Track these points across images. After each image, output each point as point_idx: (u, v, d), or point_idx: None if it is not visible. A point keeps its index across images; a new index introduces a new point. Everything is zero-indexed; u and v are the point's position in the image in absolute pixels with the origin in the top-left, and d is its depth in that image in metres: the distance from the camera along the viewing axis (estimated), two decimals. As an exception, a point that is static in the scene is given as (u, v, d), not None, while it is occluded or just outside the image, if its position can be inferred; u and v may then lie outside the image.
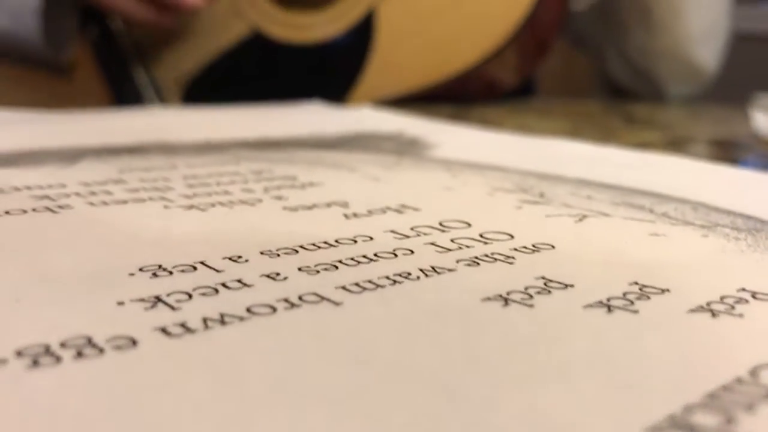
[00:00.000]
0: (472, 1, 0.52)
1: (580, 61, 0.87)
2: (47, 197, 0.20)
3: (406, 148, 0.30)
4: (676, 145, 0.42)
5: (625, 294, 0.14)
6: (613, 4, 0.63)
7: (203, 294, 0.14)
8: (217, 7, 0.56)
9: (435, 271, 0.15)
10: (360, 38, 0.54)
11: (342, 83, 0.54)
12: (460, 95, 0.55)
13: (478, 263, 0.16)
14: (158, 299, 0.13)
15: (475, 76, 0.53)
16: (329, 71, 0.55)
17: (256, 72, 0.58)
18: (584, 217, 0.20)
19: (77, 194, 0.20)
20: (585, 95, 0.84)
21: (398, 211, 0.20)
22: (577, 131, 0.44)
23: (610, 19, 0.64)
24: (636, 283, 0.15)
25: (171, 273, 0.15)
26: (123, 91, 0.59)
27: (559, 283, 0.15)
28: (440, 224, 0.19)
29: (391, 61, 0.53)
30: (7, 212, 0.18)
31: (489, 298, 0.14)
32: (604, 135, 0.44)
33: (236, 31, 0.56)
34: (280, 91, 0.57)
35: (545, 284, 0.15)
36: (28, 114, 0.36)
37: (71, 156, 0.26)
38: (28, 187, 0.21)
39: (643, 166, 0.29)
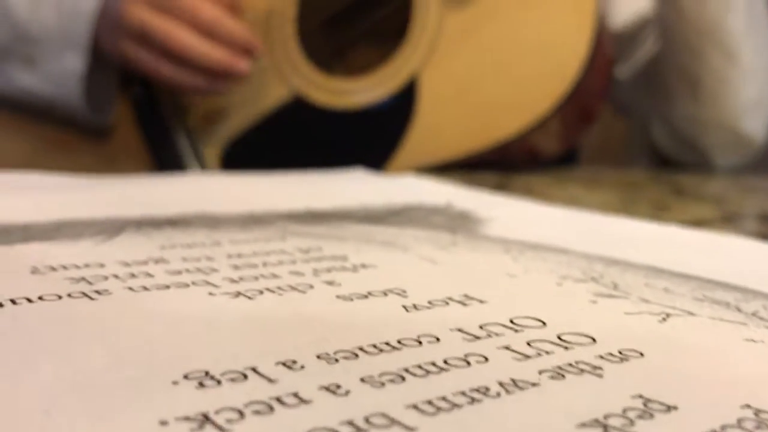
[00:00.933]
0: (516, 68, 0.51)
1: (622, 128, 0.86)
2: (84, 279, 0.18)
3: (458, 223, 0.29)
4: (730, 221, 0.39)
5: (740, 421, 0.12)
6: (659, 73, 0.61)
7: (256, 412, 0.12)
8: (260, 72, 0.56)
9: (516, 385, 0.13)
10: (402, 104, 0.53)
11: (383, 149, 0.53)
12: (501, 162, 0.53)
13: (563, 375, 0.14)
14: (206, 418, 0.11)
15: (518, 143, 0.52)
16: (370, 137, 0.54)
17: (297, 137, 0.57)
18: (668, 316, 0.18)
19: (116, 276, 0.19)
20: (628, 163, 0.82)
21: (462, 303, 0.18)
22: (627, 205, 0.42)
23: (656, 87, 0.62)
24: (749, 407, 0.13)
25: (219, 382, 0.13)
26: (163, 153, 0.58)
27: (661, 404, 0.13)
28: (511, 322, 0.17)
29: (433, 128, 0.52)
30: (40, 297, 0.17)
31: (585, 424, 0.12)
32: (655, 209, 0.42)
33: (278, 95, 0.56)
34: (320, 156, 0.56)
35: (645, 405, 0.13)
36: (66, 179, 0.35)
37: (111, 228, 0.24)
38: (65, 267, 0.19)
39: (712, 250, 0.27)
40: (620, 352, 0.15)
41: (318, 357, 0.14)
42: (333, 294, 0.18)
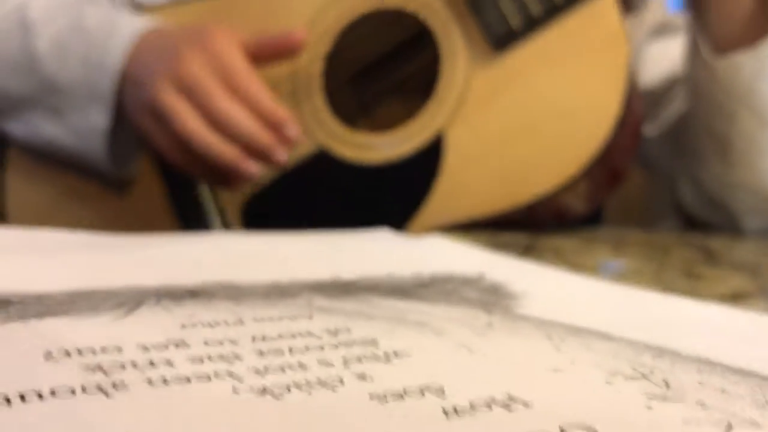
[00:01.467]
0: (545, 128, 0.50)
1: (643, 184, 0.84)
2: (101, 369, 0.17)
3: (492, 298, 0.27)
4: (769, 292, 0.38)
5: None
6: (688, 132, 0.60)
7: None
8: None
9: None
10: (427, 161, 0.52)
11: (408, 206, 0.52)
12: (527, 221, 0.52)
13: None
14: None
15: (545, 203, 0.51)
16: (395, 193, 0.53)
17: (321, 191, 0.56)
18: (730, 426, 0.16)
19: (134, 365, 0.17)
20: (651, 221, 0.80)
21: (506, 406, 0.17)
22: (659, 272, 0.41)
23: (684, 146, 0.61)
24: None
25: None
26: (185, 206, 0.57)
27: None
28: (561, 431, 0.15)
29: (459, 186, 0.51)
30: (53, 393, 0.16)
31: None
32: (688, 277, 0.40)
33: (302, 149, 0.55)
34: (344, 210, 0.55)
35: None
36: (85, 237, 0.33)
37: (130, 301, 0.23)
38: (80, 352, 0.18)
39: (762, 337, 0.25)
40: (688, 479, 0.14)
41: (354, 481, 0.13)
42: (365, 392, 0.17)
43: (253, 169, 0.51)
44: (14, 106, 0.59)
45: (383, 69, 0.59)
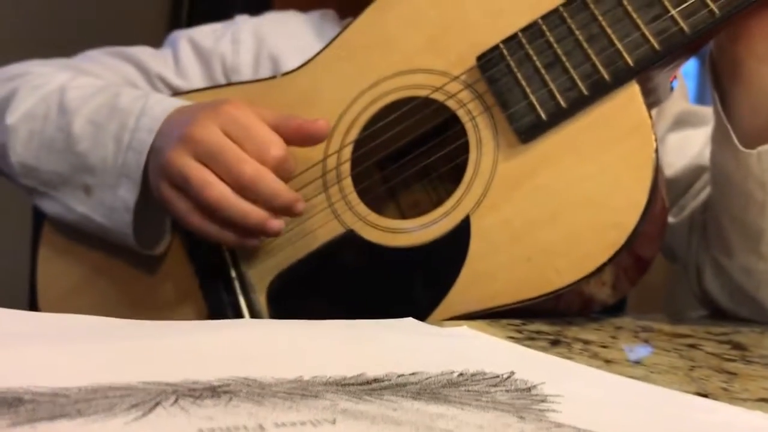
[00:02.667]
0: (572, 216, 0.48)
1: (664, 270, 0.82)
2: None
3: (524, 402, 0.25)
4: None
5: None
6: (715, 222, 0.58)
7: None
8: (313, 208, 0.54)
9: None
10: (453, 247, 0.50)
11: (433, 291, 0.50)
12: (552, 310, 0.50)
13: None
14: None
15: (571, 293, 0.49)
16: (420, 278, 0.51)
17: (346, 272, 0.54)
18: None
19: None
20: (671, 307, 0.78)
21: None
22: (691, 370, 0.38)
23: (711, 236, 0.59)
24: None
25: None
26: (210, 284, 0.56)
27: None
28: None
29: (485, 272, 0.49)
30: None
31: None
32: (721, 373, 0.38)
33: (329, 231, 0.54)
34: (369, 293, 0.53)
35: None
36: (106, 322, 0.32)
37: (146, 400, 0.21)
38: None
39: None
40: None
41: None
42: None
43: (278, 225, 0.51)
44: (46, 183, 0.59)
45: (411, 154, 0.58)
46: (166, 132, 0.53)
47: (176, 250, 0.59)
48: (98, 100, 0.58)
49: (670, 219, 0.63)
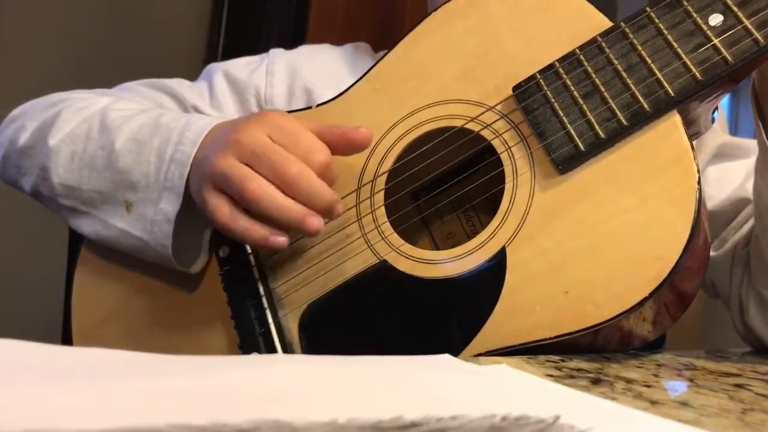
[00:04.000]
0: (612, 249, 0.46)
1: (704, 306, 0.78)
2: None
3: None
4: None
5: None
6: (760, 255, 0.55)
7: None
8: (347, 237, 0.52)
9: None
10: (489, 279, 0.48)
11: (468, 325, 0.47)
12: (591, 346, 0.47)
13: None
14: None
15: (611, 328, 0.46)
16: (455, 310, 0.49)
17: (379, 303, 0.52)
18: None
19: None
20: (710, 340, 0.74)
21: None
22: (747, 419, 0.35)
23: (755, 268, 0.56)
24: None
25: None
26: (241, 311, 0.54)
27: None
28: None
29: (521, 306, 0.47)
30: None
31: None
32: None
33: (363, 261, 0.52)
34: (402, 325, 0.51)
35: None
36: (133, 356, 0.30)
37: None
38: None
39: None
40: None
41: None
42: None
43: (318, 224, 0.49)
44: (86, 202, 0.58)
45: (445, 185, 0.56)
46: (209, 144, 0.53)
47: (210, 277, 0.58)
48: (140, 119, 0.58)
49: (712, 252, 0.60)
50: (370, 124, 0.55)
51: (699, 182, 0.45)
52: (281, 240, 0.50)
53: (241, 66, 0.73)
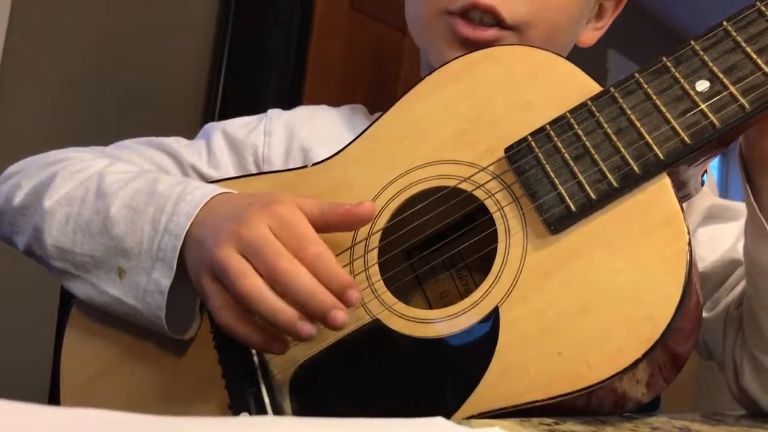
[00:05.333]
0: (604, 310, 0.45)
1: (694, 365, 0.78)
2: None
3: None
4: None
5: None
6: (753, 317, 0.55)
7: None
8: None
9: None
10: (482, 339, 0.48)
11: (461, 385, 0.47)
12: (585, 408, 0.47)
13: None
14: None
15: (604, 389, 0.45)
16: (448, 371, 0.49)
17: (372, 363, 0.52)
18: None
19: None
20: (703, 403, 0.73)
21: None
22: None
23: (748, 330, 0.56)
24: None
25: None
26: (232, 371, 0.53)
27: None
28: None
29: (514, 367, 0.46)
30: None
31: None
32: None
33: (355, 320, 0.51)
34: (395, 385, 0.50)
35: None
36: (121, 418, 0.30)
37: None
38: None
39: None
40: None
41: None
42: None
43: (308, 330, 0.47)
44: (79, 265, 0.58)
45: (438, 243, 0.56)
46: (209, 222, 0.52)
47: (202, 338, 0.57)
48: (136, 185, 0.58)
49: (704, 314, 0.60)
50: (365, 182, 0.55)
51: (690, 244, 0.45)
52: (278, 347, 0.50)
53: (239, 125, 0.74)
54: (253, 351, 0.54)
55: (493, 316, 0.48)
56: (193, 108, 1.86)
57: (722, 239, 0.65)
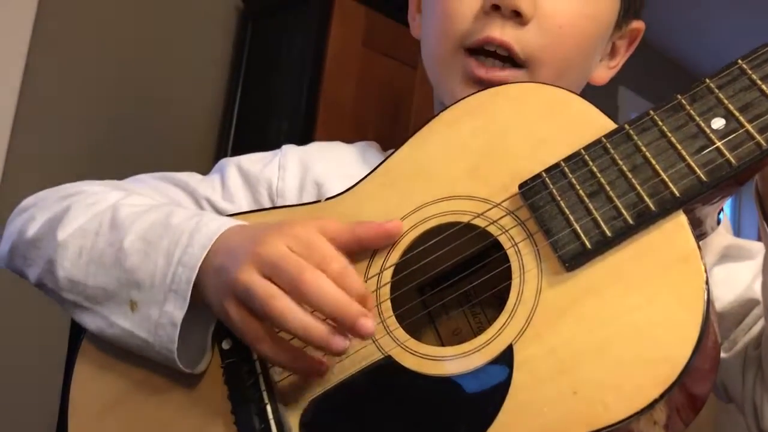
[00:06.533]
0: (620, 349, 0.45)
1: (714, 407, 0.76)
2: None
3: None
4: None
5: None
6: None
7: None
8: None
9: None
10: (496, 377, 0.47)
11: (473, 425, 0.46)
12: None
13: None
14: None
15: (620, 430, 0.44)
16: (461, 410, 0.48)
17: (383, 400, 0.51)
18: None
19: None
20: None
21: None
22: None
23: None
24: None
25: None
26: (241, 407, 0.53)
27: None
28: None
29: (529, 406, 0.45)
30: None
31: None
32: None
33: (367, 357, 0.51)
34: (406, 424, 0.50)
35: None
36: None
37: None
38: None
39: None
40: None
41: None
42: None
43: (342, 343, 0.47)
44: (90, 298, 0.58)
45: (452, 279, 0.56)
46: (225, 249, 0.52)
47: (212, 373, 0.57)
48: (150, 217, 0.58)
49: (722, 354, 0.59)
50: (379, 217, 0.55)
51: (707, 282, 0.44)
52: (316, 368, 0.50)
53: (254, 160, 0.74)
54: (263, 387, 0.53)
55: (507, 355, 0.47)
56: (206, 147, 1.87)
57: (738, 278, 0.64)
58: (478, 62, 0.64)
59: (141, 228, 0.57)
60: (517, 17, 0.63)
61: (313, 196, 0.71)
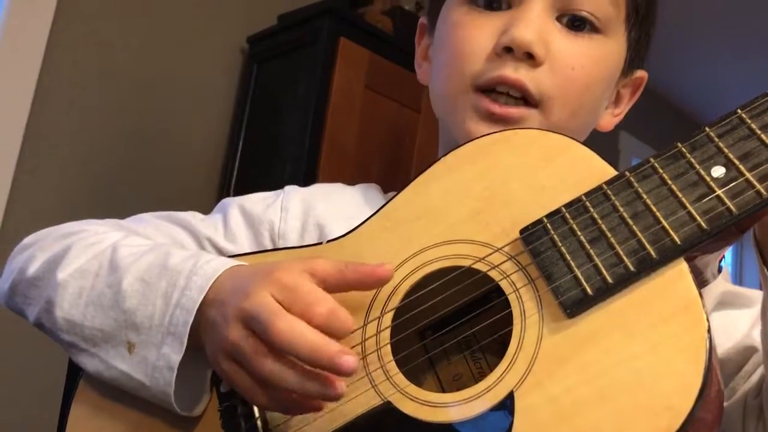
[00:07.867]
0: (620, 397, 0.44)
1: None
2: None
3: None
4: None
5: None
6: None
7: None
8: (353, 378, 0.51)
9: None
10: (496, 424, 0.46)
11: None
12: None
13: None
14: None
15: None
16: (461, 458, 0.47)
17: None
18: None
19: None
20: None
21: None
22: None
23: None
24: None
25: None
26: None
27: None
28: None
29: (530, 454, 0.45)
30: None
31: None
32: None
33: (366, 402, 0.50)
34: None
35: None
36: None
37: None
38: None
39: None
40: None
41: None
42: None
43: (339, 389, 0.47)
44: (88, 339, 0.57)
45: (453, 324, 0.55)
46: (218, 301, 0.52)
47: (209, 414, 0.56)
48: (149, 259, 0.58)
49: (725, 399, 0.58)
50: (379, 260, 0.54)
51: (709, 331, 0.44)
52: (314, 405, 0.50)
53: (256, 201, 0.74)
54: (261, 430, 0.52)
55: (508, 402, 0.46)
56: (209, 187, 1.88)
57: (736, 326, 0.64)
58: (491, 99, 0.64)
59: (139, 269, 0.57)
60: (530, 59, 0.63)
61: (314, 237, 0.71)
